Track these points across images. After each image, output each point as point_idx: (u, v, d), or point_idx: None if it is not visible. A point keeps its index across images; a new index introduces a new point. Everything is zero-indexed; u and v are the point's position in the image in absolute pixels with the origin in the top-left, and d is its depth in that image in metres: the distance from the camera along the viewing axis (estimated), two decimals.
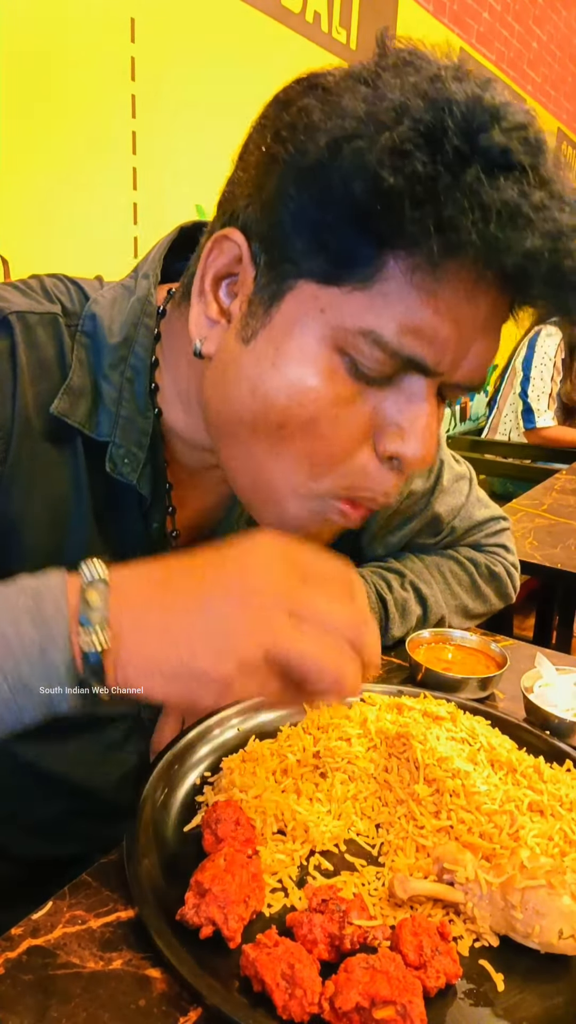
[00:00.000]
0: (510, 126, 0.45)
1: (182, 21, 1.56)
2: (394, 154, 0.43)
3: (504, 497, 2.66)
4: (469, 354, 0.51)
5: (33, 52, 1.28)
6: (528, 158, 0.45)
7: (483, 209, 0.43)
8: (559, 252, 0.45)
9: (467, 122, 0.44)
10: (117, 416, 0.62)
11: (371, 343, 0.49)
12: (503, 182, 0.44)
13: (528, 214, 0.44)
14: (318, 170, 0.47)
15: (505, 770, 0.62)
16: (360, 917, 0.46)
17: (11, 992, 0.43)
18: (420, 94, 0.44)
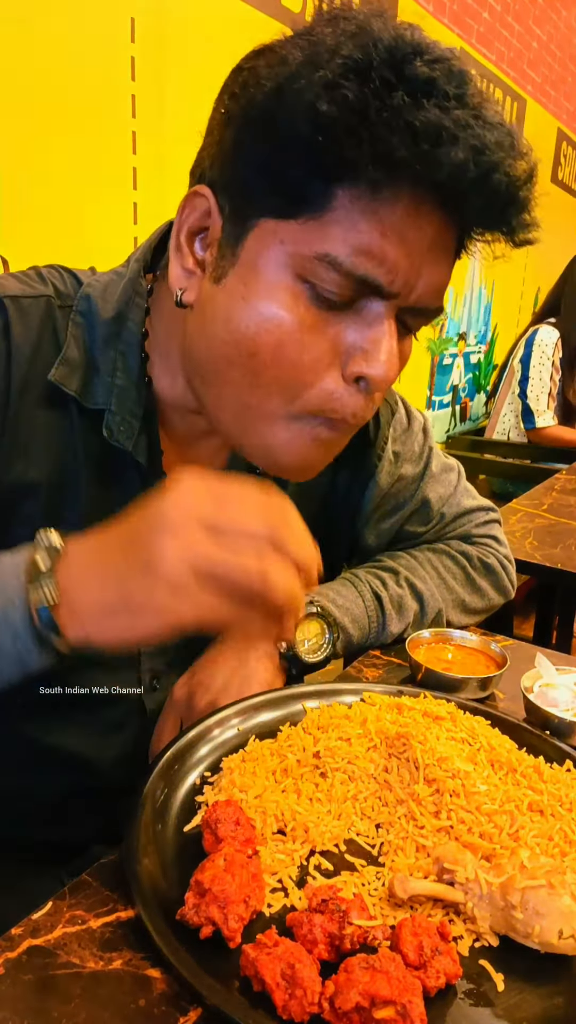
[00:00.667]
0: (432, 58, 0.50)
1: (182, 21, 1.55)
2: (328, 87, 0.49)
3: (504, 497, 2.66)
4: (421, 276, 0.56)
5: (33, 52, 1.28)
6: (452, 87, 0.50)
7: (410, 128, 0.48)
8: (485, 164, 0.50)
9: (392, 55, 0.49)
10: (112, 385, 0.66)
11: (327, 266, 0.54)
12: (427, 103, 0.49)
13: (452, 130, 0.49)
14: (266, 114, 0.52)
15: (505, 770, 0.62)
16: (360, 917, 0.46)
17: (11, 992, 0.43)
18: (350, 36, 0.50)
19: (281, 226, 0.54)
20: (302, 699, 0.72)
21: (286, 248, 0.54)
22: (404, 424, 0.90)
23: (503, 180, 0.51)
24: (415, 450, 0.91)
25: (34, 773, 0.75)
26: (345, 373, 0.58)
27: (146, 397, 0.68)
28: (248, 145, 0.55)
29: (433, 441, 0.94)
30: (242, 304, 0.57)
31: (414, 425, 0.91)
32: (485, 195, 0.52)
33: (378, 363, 0.57)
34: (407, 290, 0.56)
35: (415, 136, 0.48)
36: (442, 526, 0.96)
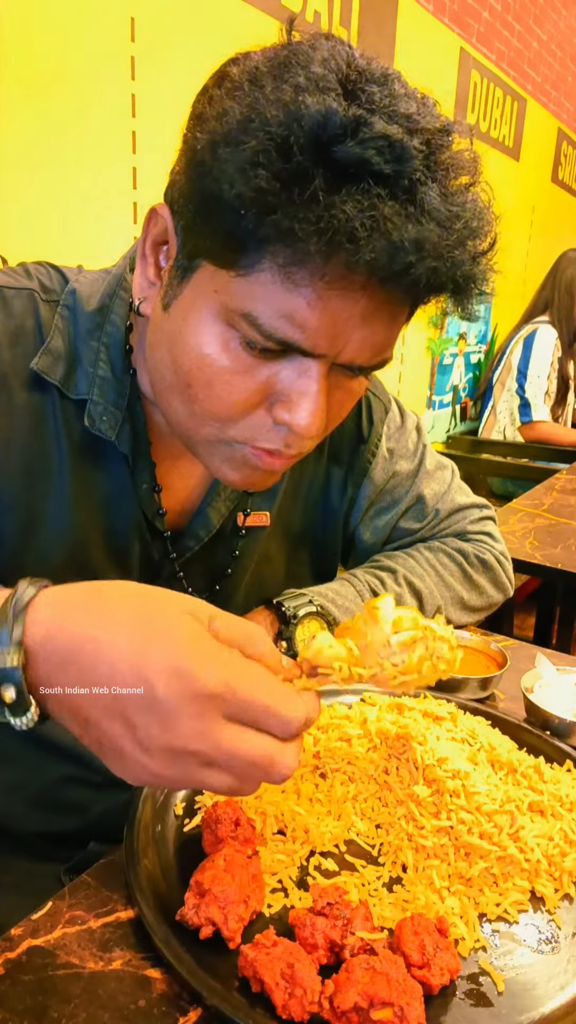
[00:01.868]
0: (367, 136, 0.46)
1: (182, 21, 1.55)
2: (247, 166, 0.47)
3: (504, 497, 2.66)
4: (350, 341, 0.55)
5: (33, 52, 1.28)
6: (388, 167, 0.46)
7: (319, 222, 0.46)
8: (400, 264, 0.48)
9: (315, 136, 0.45)
10: (94, 376, 0.67)
11: (249, 325, 0.53)
12: (343, 196, 0.46)
13: (362, 230, 0.46)
14: (202, 166, 0.51)
15: (505, 770, 0.62)
16: (363, 927, 0.46)
17: (11, 992, 0.43)
18: (281, 105, 0.46)
19: (217, 275, 0.54)
20: None
21: (219, 298, 0.55)
22: (398, 422, 0.91)
23: (421, 275, 0.49)
24: (409, 447, 0.92)
25: (30, 763, 0.75)
26: (272, 414, 0.58)
27: (130, 388, 0.69)
28: (193, 184, 0.53)
29: (426, 439, 0.95)
30: (180, 339, 0.58)
31: (407, 423, 0.93)
32: (406, 286, 0.50)
33: (301, 414, 0.56)
34: (334, 351, 0.55)
35: (324, 232, 0.46)
36: (437, 522, 0.96)
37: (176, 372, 0.59)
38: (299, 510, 0.87)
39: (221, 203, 0.49)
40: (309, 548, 0.90)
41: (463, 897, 0.51)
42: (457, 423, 3.36)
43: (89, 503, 0.69)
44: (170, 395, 0.61)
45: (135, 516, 0.72)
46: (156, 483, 0.72)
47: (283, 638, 0.77)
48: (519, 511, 1.69)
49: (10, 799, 0.77)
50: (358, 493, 0.89)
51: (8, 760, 0.75)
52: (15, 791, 0.77)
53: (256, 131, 0.47)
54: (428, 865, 0.53)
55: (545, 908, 0.52)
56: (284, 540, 0.87)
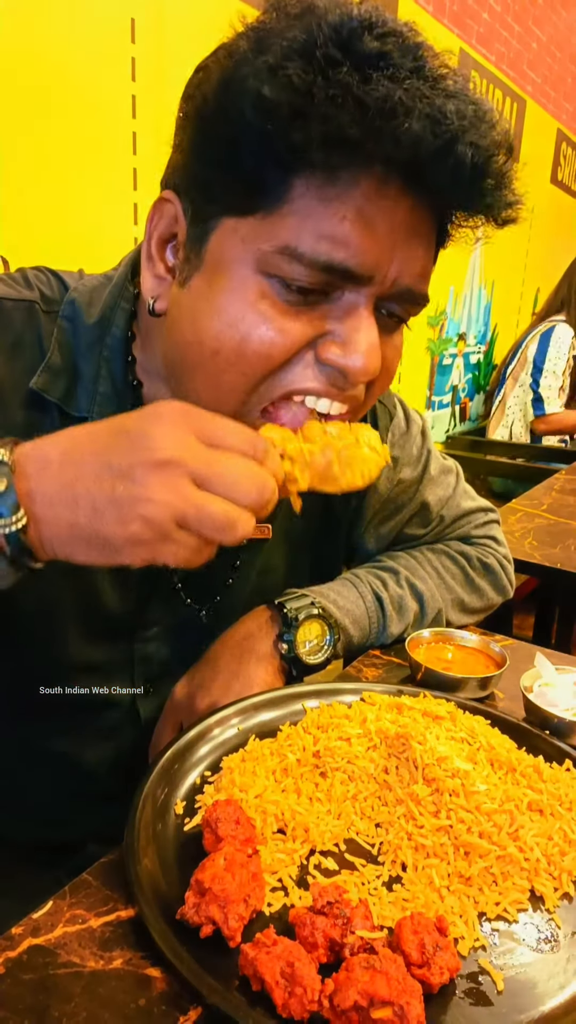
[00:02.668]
0: (384, 32, 0.48)
1: (182, 21, 1.56)
2: (271, 71, 0.46)
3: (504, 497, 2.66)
4: (394, 259, 0.53)
5: (33, 52, 1.28)
6: (407, 59, 0.47)
7: (358, 103, 0.46)
8: (444, 135, 0.47)
9: (337, 33, 0.47)
10: (95, 393, 0.65)
11: (290, 259, 0.51)
12: (377, 77, 0.46)
13: (405, 102, 0.46)
14: (216, 109, 0.50)
15: (505, 769, 0.62)
16: (363, 926, 0.46)
17: (11, 991, 0.43)
18: (295, 18, 0.48)
19: (241, 223, 0.53)
20: (302, 699, 0.72)
21: (247, 245, 0.53)
22: (402, 428, 0.90)
23: (466, 151, 0.48)
24: (413, 453, 0.91)
25: (30, 775, 0.75)
26: (319, 355, 0.55)
27: (132, 401, 0.67)
28: (203, 143, 0.53)
29: (431, 443, 0.94)
30: (205, 304, 0.55)
31: (412, 428, 0.91)
32: (450, 168, 0.49)
33: (356, 354, 0.54)
34: (380, 274, 0.53)
35: (364, 111, 0.45)
36: (442, 528, 0.96)
37: (201, 342, 0.56)
38: (301, 519, 0.86)
39: (243, 134, 0.49)
40: (311, 557, 0.89)
41: (463, 896, 0.52)
42: (457, 423, 3.36)
43: None
44: (192, 376, 0.59)
45: None
46: None
47: (284, 640, 0.77)
48: (518, 511, 1.69)
49: (9, 812, 0.77)
50: (362, 503, 0.88)
51: (8, 775, 0.75)
52: (14, 805, 0.77)
53: (274, 43, 0.47)
54: (428, 864, 0.53)
55: (544, 907, 0.52)
56: (286, 550, 0.86)
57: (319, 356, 0.55)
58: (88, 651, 0.71)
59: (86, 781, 0.75)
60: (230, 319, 0.54)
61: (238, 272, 0.53)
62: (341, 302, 0.54)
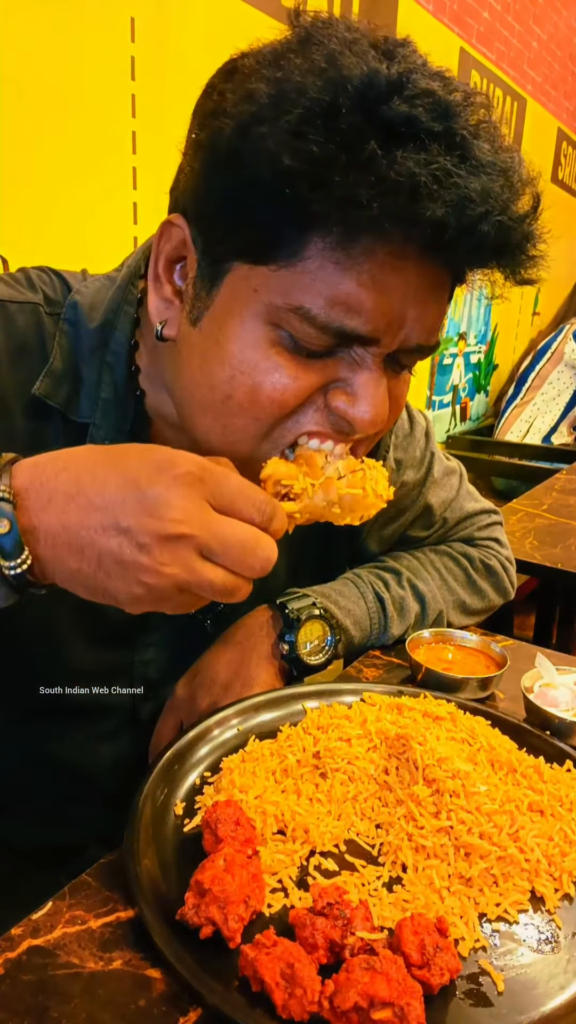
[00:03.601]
0: (413, 93, 0.45)
1: (182, 21, 1.55)
2: (292, 137, 0.44)
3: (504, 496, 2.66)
4: (406, 321, 0.53)
5: (33, 52, 1.28)
6: (437, 123, 0.45)
7: (382, 183, 0.44)
8: (468, 219, 0.46)
9: (363, 97, 0.44)
10: (97, 399, 0.64)
11: (301, 319, 0.51)
12: (403, 153, 0.44)
13: (429, 184, 0.44)
14: (230, 155, 0.48)
15: (505, 770, 0.62)
16: (363, 927, 0.46)
17: (11, 992, 0.43)
18: (318, 73, 0.45)
19: (254, 272, 0.51)
20: (302, 699, 0.72)
21: (260, 297, 0.51)
22: (406, 430, 0.89)
23: (490, 231, 0.47)
24: (416, 456, 0.90)
25: (31, 778, 0.75)
26: (329, 405, 0.55)
27: (137, 410, 0.66)
28: (216, 181, 0.51)
29: (435, 444, 0.93)
30: (216, 348, 0.54)
31: (416, 430, 0.90)
32: (472, 246, 0.48)
33: (364, 407, 0.54)
34: (390, 336, 0.53)
35: (386, 191, 0.44)
36: (445, 530, 0.96)
37: (212, 387, 0.55)
38: (304, 528, 0.85)
39: (259, 189, 0.47)
40: (313, 561, 0.88)
41: (463, 897, 0.51)
42: (457, 423, 3.36)
43: None
44: (202, 416, 0.58)
45: None
46: None
47: (285, 640, 0.76)
48: (519, 511, 1.69)
49: (10, 816, 0.77)
50: None
51: (8, 777, 0.75)
52: (14, 808, 0.77)
53: (295, 101, 0.45)
54: (428, 865, 0.53)
55: (545, 908, 0.52)
56: (287, 554, 0.85)
57: (328, 402, 0.55)
58: (89, 657, 0.71)
59: (86, 784, 0.75)
60: (242, 367, 0.53)
61: (249, 321, 0.53)
62: (350, 356, 0.54)
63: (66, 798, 0.76)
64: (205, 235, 0.54)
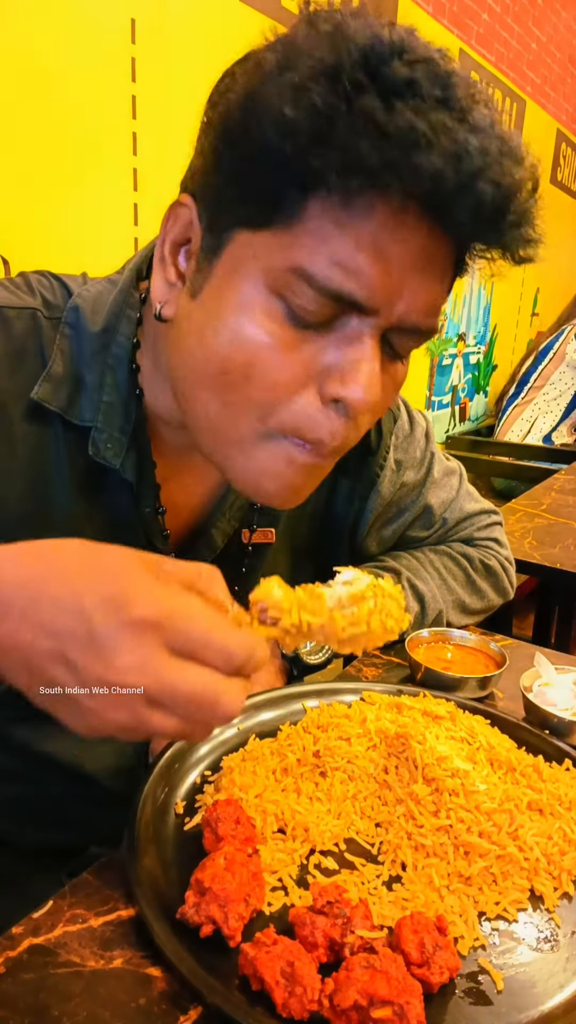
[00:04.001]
0: (413, 58, 0.46)
1: (182, 21, 1.56)
2: (295, 91, 0.45)
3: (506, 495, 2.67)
4: (404, 292, 0.52)
5: (33, 52, 1.28)
6: (435, 89, 0.46)
7: (380, 133, 0.44)
8: (466, 172, 0.46)
9: (366, 56, 0.45)
10: (99, 402, 0.64)
11: (300, 280, 0.50)
12: (402, 106, 0.45)
13: (428, 134, 0.45)
14: (238, 121, 0.49)
15: (504, 769, 0.62)
16: (363, 926, 0.46)
17: (11, 991, 0.43)
18: (325, 37, 0.47)
19: (255, 238, 0.52)
20: (302, 698, 0.72)
21: (259, 262, 0.52)
22: (406, 430, 0.89)
23: (487, 189, 0.47)
24: (416, 456, 0.90)
25: (31, 779, 0.75)
26: (322, 393, 0.54)
27: (136, 411, 0.65)
28: (223, 153, 0.52)
29: (435, 445, 0.93)
30: (215, 320, 0.54)
31: (416, 431, 0.90)
32: (470, 205, 0.47)
33: (356, 385, 0.53)
34: (388, 307, 0.52)
35: (386, 141, 0.44)
36: (444, 531, 0.96)
37: (209, 360, 0.55)
38: (304, 523, 0.85)
39: (263, 150, 0.48)
40: (314, 560, 0.88)
41: (462, 896, 0.52)
42: (457, 423, 3.37)
43: (91, 531, 0.65)
44: (199, 391, 0.57)
45: (138, 541, 0.70)
46: (160, 505, 0.70)
47: None
48: (519, 511, 1.69)
49: (10, 817, 0.77)
50: (365, 505, 0.87)
51: (10, 778, 0.75)
52: (17, 808, 0.77)
53: (300, 62, 0.46)
54: (427, 864, 0.53)
55: (544, 906, 0.52)
56: (289, 554, 0.85)
57: (322, 393, 0.54)
58: None
59: (88, 784, 0.75)
60: (239, 337, 0.53)
61: (249, 289, 0.52)
62: (344, 331, 0.53)
63: (67, 797, 0.76)
64: (210, 208, 0.55)
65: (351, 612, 0.49)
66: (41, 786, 0.75)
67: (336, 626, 0.49)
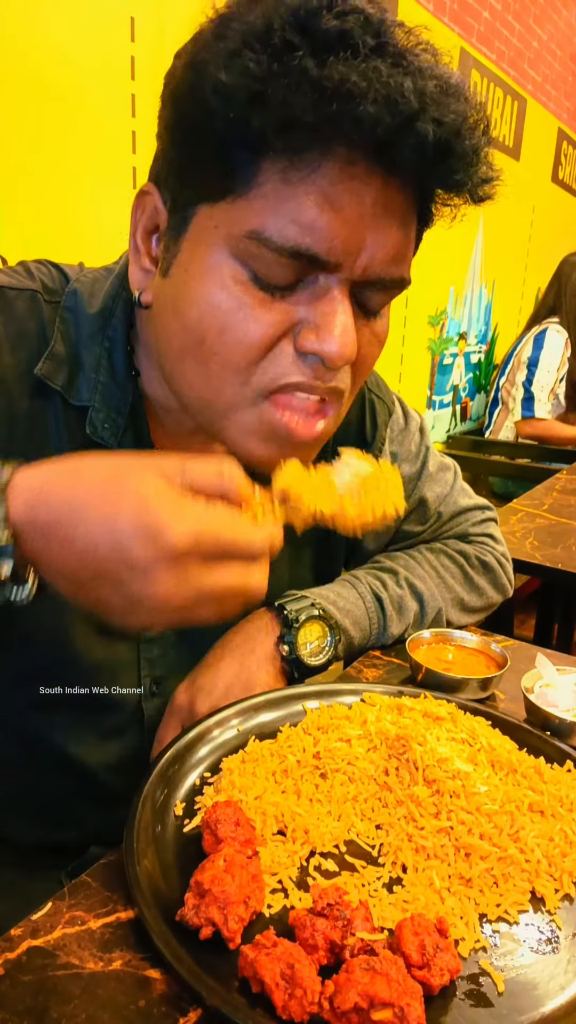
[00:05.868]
0: (344, 10, 0.46)
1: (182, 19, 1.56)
2: (229, 56, 0.46)
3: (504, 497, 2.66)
4: (365, 242, 0.52)
5: (33, 51, 1.28)
6: (368, 37, 0.46)
7: (314, 88, 0.45)
8: (402, 114, 0.46)
9: (295, 15, 0.46)
10: (96, 382, 0.65)
11: (259, 244, 0.51)
12: (334, 60, 0.45)
13: (360, 84, 0.45)
14: (183, 95, 0.51)
15: (505, 771, 0.62)
16: (364, 928, 0.46)
17: (11, 992, 0.43)
18: (256, 3, 0.47)
19: (215, 210, 0.53)
20: (302, 700, 0.72)
21: (220, 231, 0.53)
22: (401, 424, 0.90)
23: (427, 128, 0.47)
24: (412, 450, 0.91)
25: (33, 777, 0.75)
26: (297, 345, 0.55)
27: (133, 393, 0.67)
28: (174, 128, 0.53)
29: (430, 440, 0.94)
30: (185, 292, 0.55)
31: (411, 425, 0.91)
32: (412, 147, 0.48)
33: (331, 337, 0.53)
34: (350, 259, 0.52)
35: (320, 95, 0.45)
36: (439, 525, 0.96)
37: (185, 331, 0.56)
38: None
39: (207, 118, 0.49)
40: (311, 554, 0.89)
41: (463, 897, 0.51)
42: (457, 423, 3.36)
43: None
44: (182, 364, 0.58)
45: None
46: None
47: (285, 642, 0.76)
48: (519, 511, 1.69)
49: (11, 814, 0.77)
50: None
51: (9, 775, 0.75)
52: (16, 806, 0.77)
53: (234, 29, 0.47)
54: (428, 866, 0.53)
55: (545, 908, 0.52)
56: (286, 546, 0.86)
57: (297, 346, 0.55)
58: (95, 649, 0.71)
59: (89, 783, 0.75)
60: (209, 306, 0.54)
61: (213, 258, 0.53)
62: (314, 288, 0.54)
63: (68, 796, 0.76)
64: (171, 188, 0.56)
65: (359, 500, 0.55)
66: (43, 784, 0.75)
67: (347, 515, 0.54)
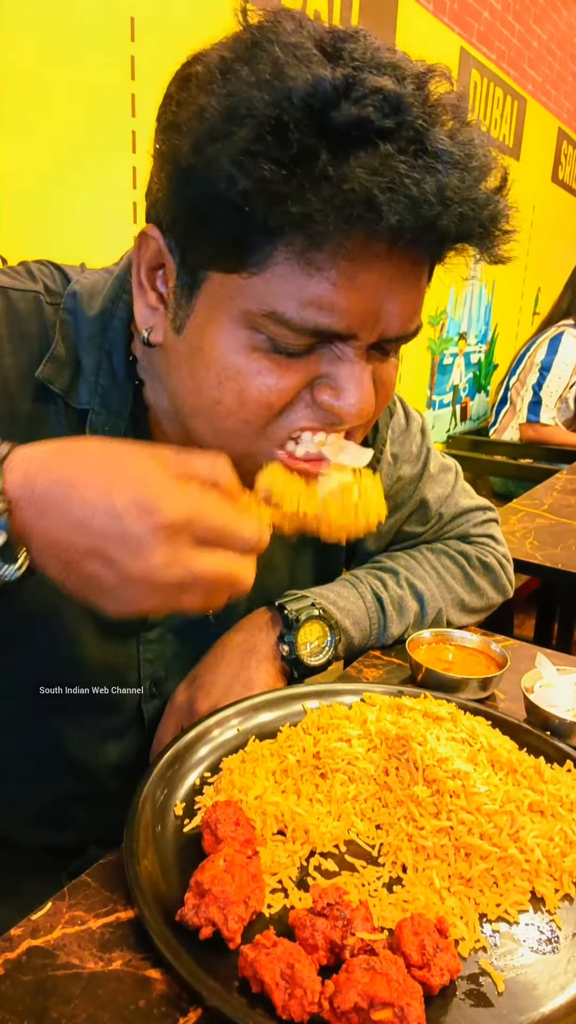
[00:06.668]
0: (361, 94, 0.45)
1: (182, 21, 1.55)
2: (244, 156, 0.45)
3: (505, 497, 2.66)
4: (382, 313, 0.53)
5: (33, 51, 1.28)
6: (389, 120, 0.45)
7: (335, 197, 0.44)
8: (426, 218, 0.46)
9: (309, 107, 0.44)
10: (96, 385, 0.65)
11: (277, 323, 0.51)
12: (354, 163, 0.44)
13: (382, 193, 0.44)
14: (190, 171, 0.49)
15: (505, 771, 0.62)
16: (363, 927, 0.46)
17: (11, 992, 0.43)
18: (264, 85, 0.45)
19: (228, 280, 0.52)
20: (302, 699, 0.72)
21: (236, 303, 0.52)
22: (402, 425, 0.90)
23: (450, 226, 0.47)
24: (413, 451, 0.91)
25: (34, 778, 0.75)
26: (315, 401, 0.56)
27: (134, 397, 0.67)
28: (181, 194, 0.52)
29: (431, 441, 0.94)
30: (201, 356, 0.55)
31: (412, 426, 0.91)
32: (435, 238, 0.49)
33: (348, 396, 0.54)
34: (367, 329, 0.53)
35: (342, 205, 0.45)
36: (440, 526, 0.96)
37: (201, 392, 0.56)
38: None
39: (219, 204, 0.48)
40: (312, 555, 0.89)
41: (463, 897, 0.51)
42: (458, 422, 3.36)
43: None
44: (195, 419, 0.59)
45: None
46: None
47: (285, 642, 0.76)
48: (519, 511, 1.69)
49: (12, 815, 0.77)
50: None
51: (9, 777, 0.75)
52: (17, 807, 0.77)
53: (244, 118, 0.45)
54: (428, 866, 0.53)
55: (545, 908, 0.52)
56: (287, 548, 0.86)
57: (315, 398, 0.56)
58: (95, 650, 0.71)
59: (89, 784, 0.75)
60: (227, 371, 0.54)
61: (229, 327, 0.53)
62: (332, 350, 0.54)
63: (68, 796, 0.76)
64: (180, 245, 0.55)
65: (341, 505, 0.56)
66: (43, 786, 0.75)
67: (329, 516, 0.56)
